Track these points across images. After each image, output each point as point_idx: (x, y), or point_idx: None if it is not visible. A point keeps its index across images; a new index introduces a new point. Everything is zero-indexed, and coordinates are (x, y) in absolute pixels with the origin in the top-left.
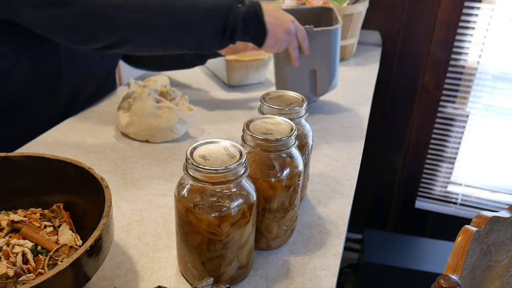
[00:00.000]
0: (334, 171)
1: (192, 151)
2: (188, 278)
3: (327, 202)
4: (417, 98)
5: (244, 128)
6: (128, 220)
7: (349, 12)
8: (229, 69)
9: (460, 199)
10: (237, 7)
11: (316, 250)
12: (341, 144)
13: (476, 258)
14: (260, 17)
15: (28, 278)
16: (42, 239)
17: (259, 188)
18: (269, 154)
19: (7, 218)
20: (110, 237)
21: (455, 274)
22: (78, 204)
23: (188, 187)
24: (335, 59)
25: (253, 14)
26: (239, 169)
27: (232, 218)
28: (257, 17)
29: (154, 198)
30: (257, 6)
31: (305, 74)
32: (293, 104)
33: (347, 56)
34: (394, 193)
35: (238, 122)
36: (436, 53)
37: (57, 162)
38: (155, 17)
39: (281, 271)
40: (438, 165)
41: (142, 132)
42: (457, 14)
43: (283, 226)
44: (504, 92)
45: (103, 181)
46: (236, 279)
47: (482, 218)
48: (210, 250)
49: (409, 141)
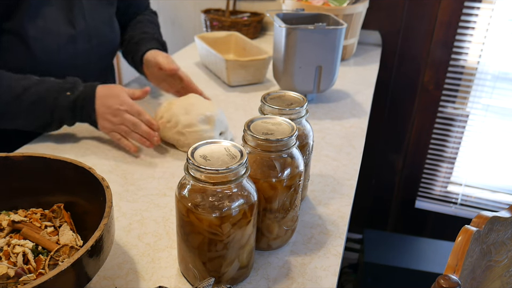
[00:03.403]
0: (334, 171)
1: (193, 151)
2: (189, 278)
3: (328, 203)
4: (417, 98)
5: (244, 128)
6: (129, 220)
7: (349, 12)
8: (229, 69)
9: (460, 199)
10: (65, 96)
11: (316, 250)
12: (341, 144)
13: (475, 258)
14: (89, 106)
15: (28, 278)
16: (43, 239)
17: (260, 188)
18: (270, 154)
19: (8, 219)
20: (111, 237)
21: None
22: (78, 204)
23: (189, 187)
24: (338, 57)
25: (82, 102)
26: (240, 170)
27: (233, 219)
28: (86, 106)
29: (155, 198)
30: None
31: (312, 70)
32: (293, 104)
33: (347, 56)
34: (394, 193)
35: (239, 123)
36: (436, 53)
37: (58, 163)
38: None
39: (282, 271)
40: (438, 165)
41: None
42: (457, 14)
43: (284, 226)
44: (504, 91)
45: (103, 181)
46: (237, 279)
47: (482, 218)
48: (211, 251)
49: (409, 141)
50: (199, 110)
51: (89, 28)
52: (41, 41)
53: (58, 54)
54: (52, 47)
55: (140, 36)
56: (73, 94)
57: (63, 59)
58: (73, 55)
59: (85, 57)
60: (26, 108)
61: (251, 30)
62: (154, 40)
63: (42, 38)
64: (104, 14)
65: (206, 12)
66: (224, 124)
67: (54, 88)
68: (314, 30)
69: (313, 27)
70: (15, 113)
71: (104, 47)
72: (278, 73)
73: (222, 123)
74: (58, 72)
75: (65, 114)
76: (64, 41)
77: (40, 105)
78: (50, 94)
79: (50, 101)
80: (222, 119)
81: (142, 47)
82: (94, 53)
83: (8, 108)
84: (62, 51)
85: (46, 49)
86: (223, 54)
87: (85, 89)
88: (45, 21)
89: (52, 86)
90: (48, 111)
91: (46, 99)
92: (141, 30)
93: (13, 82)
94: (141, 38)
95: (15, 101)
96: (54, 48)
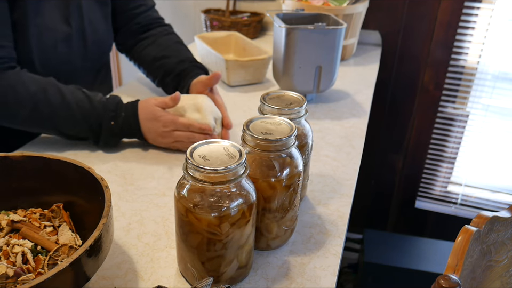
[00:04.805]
0: (334, 171)
1: (192, 151)
2: (188, 278)
3: (327, 202)
4: (417, 98)
5: (243, 128)
6: (128, 220)
7: (349, 12)
8: (229, 69)
9: (460, 199)
10: (109, 126)
11: (315, 250)
12: (341, 144)
13: (475, 258)
14: (135, 132)
15: (27, 277)
16: (42, 239)
17: (259, 188)
18: (269, 154)
19: (7, 218)
20: (109, 237)
21: (455, 274)
22: (77, 204)
23: (188, 187)
24: (338, 57)
25: (128, 130)
26: (238, 169)
27: (232, 218)
28: (133, 133)
29: (154, 198)
30: (131, 119)
31: (312, 70)
32: (292, 104)
33: (347, 56)
34: (394, 193)
35: (238, 122)
36: (436, 53)
37: (57, 162)
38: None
39: (281, 271)
40: (438, 165)
41: None
42: (457, 14)
43: (283, 226)
44: (504, 91)
45: (102, 180)
46: (236, 279)
47: (482, 218)
48: (210, 250)
49: (409, 141)
50: (183, 102)
51: (84, 26)
52: (38, 38)
53: (54, 51)
54: (49, 44)
55: (180, 67)
56: (117, 123)
57: (59, 57)
58: (68, 53)
59: (80, 55)
60: (73, 124)
61: (251, 30)
62: (197, 68)
63: (40, 35)
64: (99, 13)
65: (206, 12)
66: (215, 110)
67: (99, 111)
68: (314, 30)
69: (313, 27)
70: (61, 126)
71: (98, 45)
72: (277, 73)
73: (212, 109)
74: (55, 71)
75: (112, 140)
76: (60, 39)
77: (83, 129)
78: (94, 118)
79: (95, 126)
80: (211, 105)
81: (188, 80)
82: (88, 51)
83: (55, 120)
84: (58, 49)
85: (43, 46)
86: (223, 54)
87: (127, 115)
88: (43, 17)
89: (95, 108)
90: (93, 135)
91: (89, 123)
92: (179, 58)
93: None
94: (183, 68)
95: (62, 115)
96: (51, 46)
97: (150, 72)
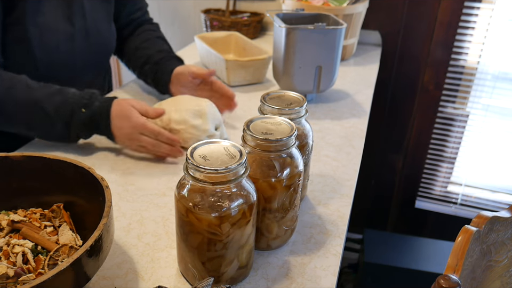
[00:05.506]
0: (334, 171)
1: (193, 151)
2: (188, 278)
3: (327, 203)
4: (417, 98)
5: (244, 128)
6: (128, 220)
7: (349, 12)
8: (229, 69)
9: (460, 199)
10: (80, 113)
11: (316, 250)
12: (341, 144)
13: (475, 258)
14: (103, 125)
15: (28, 278)
16: (42, 239)
17: (259, 188)
18: (269, 154)
19: (7, 218)
20: (110, 237)
21: (455, 274)
22: (78, 204)
23: (188, 187)
24: (338, 57)
25: (96, 121)
26: (239, 169)
27: (232, 218)
28: (101, 125)
29: (154, 198)
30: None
31: (312, 70)
32: (293, 104)
33: (347, 56)
34: (394, 193)
35: (238, 122)
36: (436, 53)
37: (58, 162)
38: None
39: (282, 271)
40: (438, 165)
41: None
42: (457, 14)
43: (283, 226)
44: (504, 91)
45: (103, 180)
46: (236, 279)
47: (482, 218)
48: (211, 250)
49: (409, 141)
50: (188, 106)
51: (87, 26)
52: (40, 38)
53: (57, 52)
54: (51, 44)
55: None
56: (88, 111)
57: (61, 57)
58: (71, 53)
59: (83, 55)
60: (42, 119)
61: (251, 30)
62: (174, 58)
63: (41, 34)
64: (102, 13)
65: (206, 12)
66: (217, 117)
67: (70, 101)
68: (314, 30)
69: (313, 27)
70: (30, 123)
71: (101, 46)
72: (277, 73)
73: (215, 116)
74: (57, 72)
75: (80, 130)
76: (63, 39)
77: (54, 119)
78: (66, 108)
79: (65, 116)
80: (214, 112)
81: (167, 67)
82: (91, 51)
83: (23, 117)
84: (60, 49)
85: (45, 47)
86: (223, 54)
87: (100, 106)
88: (45, 17)
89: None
90: (64, 127)
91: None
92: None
93: (26, 93)
94: (161, 57)
95: (30, 111)
96: (53, 46)
97: (131, 62)
